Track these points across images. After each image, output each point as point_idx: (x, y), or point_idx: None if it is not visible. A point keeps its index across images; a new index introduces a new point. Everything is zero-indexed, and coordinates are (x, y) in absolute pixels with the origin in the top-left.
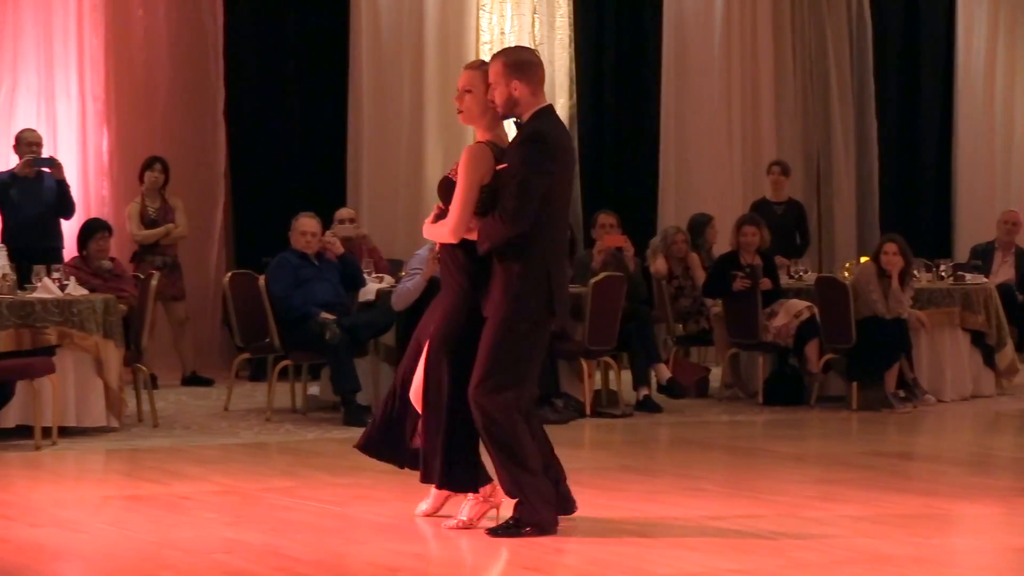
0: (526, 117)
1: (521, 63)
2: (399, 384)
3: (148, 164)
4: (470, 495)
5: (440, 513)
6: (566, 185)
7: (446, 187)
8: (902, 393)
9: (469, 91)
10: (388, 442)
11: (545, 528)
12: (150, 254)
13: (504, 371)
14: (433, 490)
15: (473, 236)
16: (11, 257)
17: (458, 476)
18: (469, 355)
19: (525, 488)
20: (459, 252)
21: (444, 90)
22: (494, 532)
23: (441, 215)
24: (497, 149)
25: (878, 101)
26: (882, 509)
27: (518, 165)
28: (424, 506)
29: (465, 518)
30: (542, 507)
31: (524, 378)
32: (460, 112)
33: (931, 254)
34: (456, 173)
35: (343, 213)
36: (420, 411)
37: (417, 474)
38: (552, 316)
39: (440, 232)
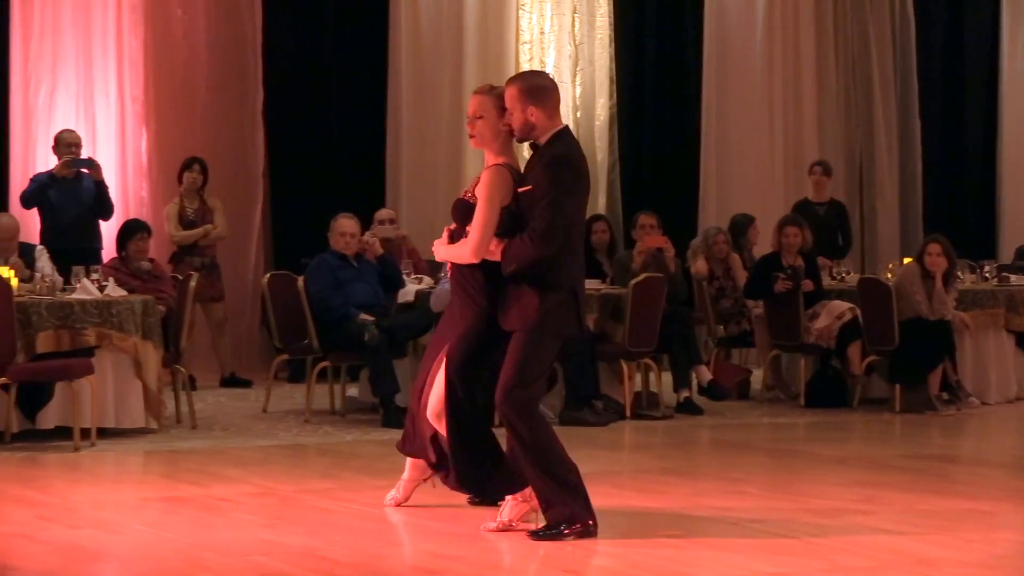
0: (544, 140)
1: (536, 88)
2: (416, 400)
3: (187, 165)
4: (508, 497)
5: (409, 503)
6: (585, 206)
7: (461, 209)
8: (945, 395)
9: (481, 117)
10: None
11: (582, 519)
12: (189, 255)
13: (531, 380)
14: (402, 479)
15: (493, 257)
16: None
17: (499, 484)
18: (488, 370)
19: (557, 487)
20: (477, 272)
21: None
22: (536, 535)
23: (454, 236)
24: (515, 172)
25: (921, 100)
26: (925, 512)
27: (547, 187)
28: (395, 494)
29: (505, 519)
30: (571, 500)
31: (540, 380)
32: (472, 137)
33: (975, 255)
34: (471, 195)
35: (382, 214)
36: (442, 431)
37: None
38: (580, 332)
39: (461, 253)
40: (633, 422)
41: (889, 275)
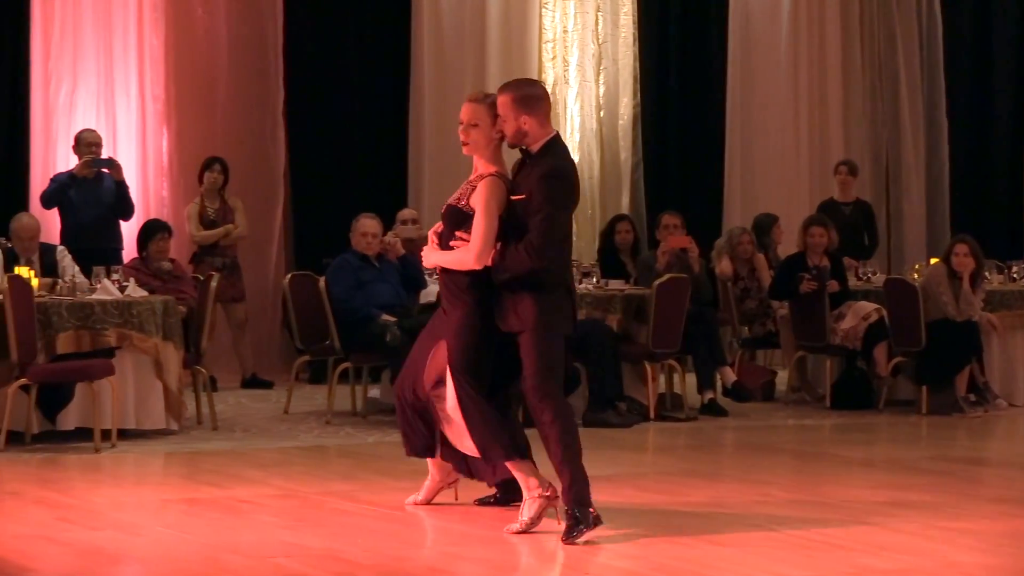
0: (536, 148)
1: (529, 98)
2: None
3: (207, 164)
4: (525, 495)
5: (434, 501)
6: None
7: (454, 215)
8: (973, 397)
9: (476, 125)
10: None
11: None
12: (209, 255)
13: (553, 370)
14: (426, 483)
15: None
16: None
17: (504, 450)
18: (487, 360)
19: (580, 472)
20: (463, 275)
21: None
22: (569, 538)
23: (442, 240)
24: (507, 180)
25: (949, 99)
26: (952, 515)
27: (542, 201)
28: (417, 497)
29: (526, 519)
30: (586, 484)
31: (560, 368)
32: (465, 144)
33: (1003, 255)
34: (463, 203)
35: (405, 214)
36: (461, 421)
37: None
38: (573, 330)
39: (463, 259)
40: (657, 424)
41: (916, 276)
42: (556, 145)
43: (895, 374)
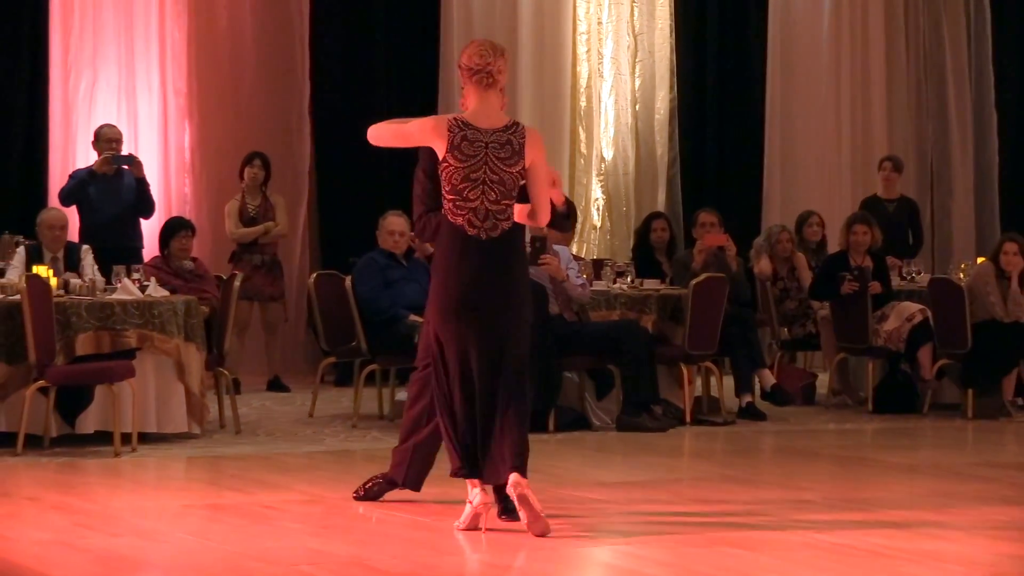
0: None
1: None
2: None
3: (248, 160)
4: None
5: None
6: None
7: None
8: (1021, 401)
9: None
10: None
11: None
12: (248, 253)
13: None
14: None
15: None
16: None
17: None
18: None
19: None
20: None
21: (538, 80)
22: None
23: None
24: None
25: (997, 91)
26: (999, 523)
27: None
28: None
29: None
30: None
31: None
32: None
33: None
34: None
35: None
36: None
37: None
38: None
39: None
40: (693, 428)
41: (962, 275)
42: None
43: (940, 377)
